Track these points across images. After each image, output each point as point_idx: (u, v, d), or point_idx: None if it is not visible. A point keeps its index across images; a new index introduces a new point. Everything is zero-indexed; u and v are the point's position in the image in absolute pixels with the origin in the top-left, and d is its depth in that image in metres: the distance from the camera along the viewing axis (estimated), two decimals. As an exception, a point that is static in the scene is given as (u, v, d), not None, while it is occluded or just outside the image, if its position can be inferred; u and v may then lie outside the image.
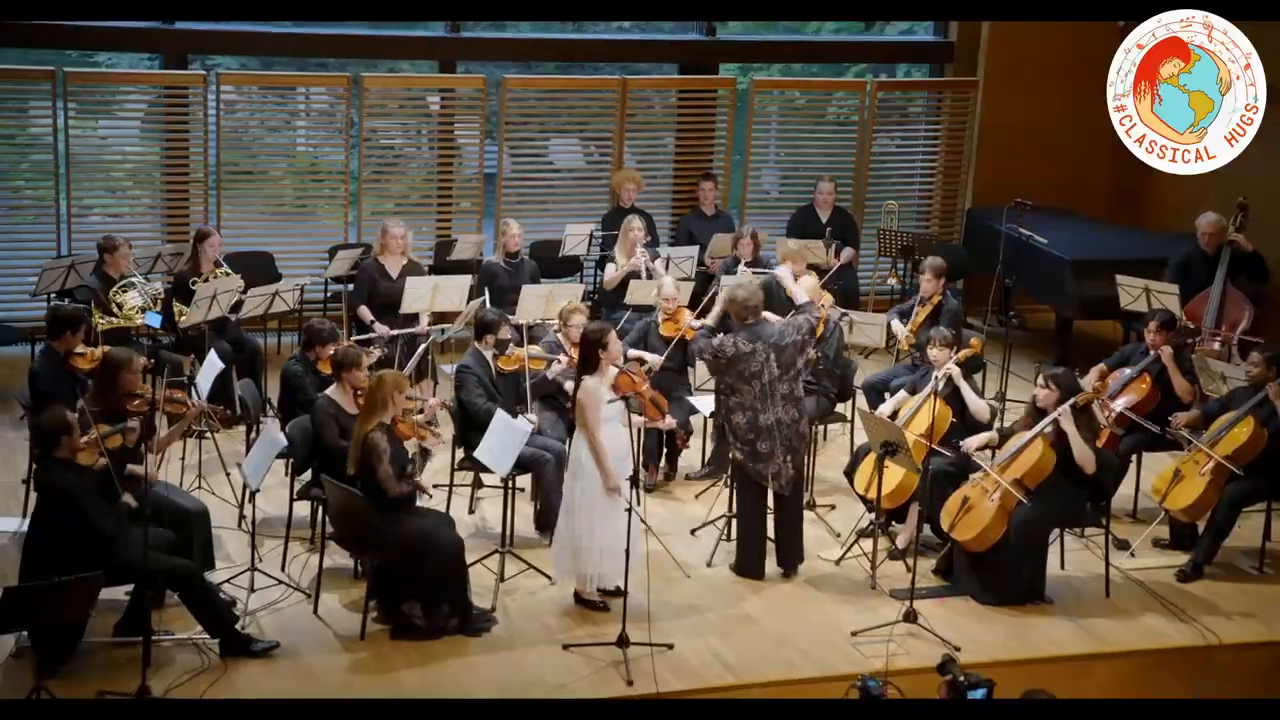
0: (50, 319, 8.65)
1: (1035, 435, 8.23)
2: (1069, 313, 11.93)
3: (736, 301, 8.32)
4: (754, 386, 8.23)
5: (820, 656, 7.68)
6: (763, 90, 13.57)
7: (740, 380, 8.22)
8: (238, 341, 10.29)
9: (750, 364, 8.20)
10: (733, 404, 8.26)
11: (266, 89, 12.78)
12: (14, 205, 12.05)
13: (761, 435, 8.25)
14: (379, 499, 7.57)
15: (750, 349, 8.20)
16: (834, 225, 12.39)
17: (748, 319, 8.28)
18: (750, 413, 8.24)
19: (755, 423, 8.24)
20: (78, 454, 7.19)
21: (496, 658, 7.51)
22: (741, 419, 8.25)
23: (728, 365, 8.21)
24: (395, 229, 10.76)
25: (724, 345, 8.23)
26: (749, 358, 8.20)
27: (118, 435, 7.33)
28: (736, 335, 8.26)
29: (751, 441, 8.26)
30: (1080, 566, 8.77)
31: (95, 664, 7.17)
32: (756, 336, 8.25)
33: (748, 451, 8.28)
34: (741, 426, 8.26)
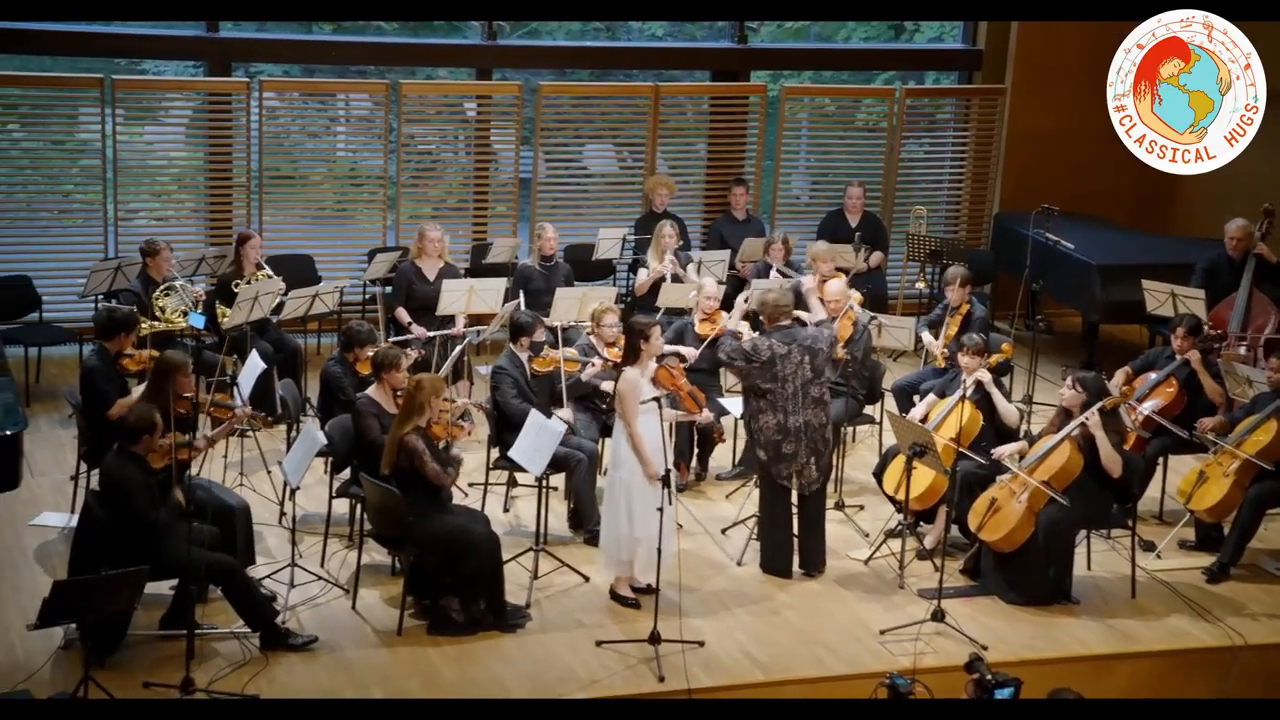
0: (104, 320, 8.79)
1: (1063, 437, 8.32)
2: (1095, 317, 11.98)
3: (768, 304, 8.43)
4: (786, 389, 8.33)
5: (849, 654, 7.78)
6: (793, 97, 13.69)
7: (773, 382, 8.32)
8: (278, 342, 10.45)
9: (785, 366, 8.31)
10: (762, 406, 8.37)
11: (308, 95, 12.98)
12: (63, 209, 12.27)
13: (789, 437, 8.35)
14: (416, 497, 7.71)
15: (785, 350, 8.31)
16: (863, 230, 12.47)
17: (779, 320, 8.40)
18: (780, 414, 8.34)
19: (784, 424, 8.34)
20: (150, 454, 7.38)
21: (531, 653, 7.63)
22: (770, 420, 8.35)
23: (762, 368, 8.31)
24: (432, 232, 10.90)
25: (758, 347, 8.33)
26: (784, 359, 8.30)
27: (187, 449, 7.51)
28: (770, 337, 8.38)
29: (777, 443, 8.36)
30: (1106, 567, 8.84)
31: (141, 656, 7.33)
32: (791, 339, 8.36)
33: (772, 454, 8.38)
34: (769, 428, 8.36)
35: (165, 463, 7.42)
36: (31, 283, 11.36)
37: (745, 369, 8.36)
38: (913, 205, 13.36)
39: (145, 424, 7.36)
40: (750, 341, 8.41)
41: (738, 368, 8.41)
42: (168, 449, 7.40)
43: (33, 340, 10.99)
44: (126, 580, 6.84)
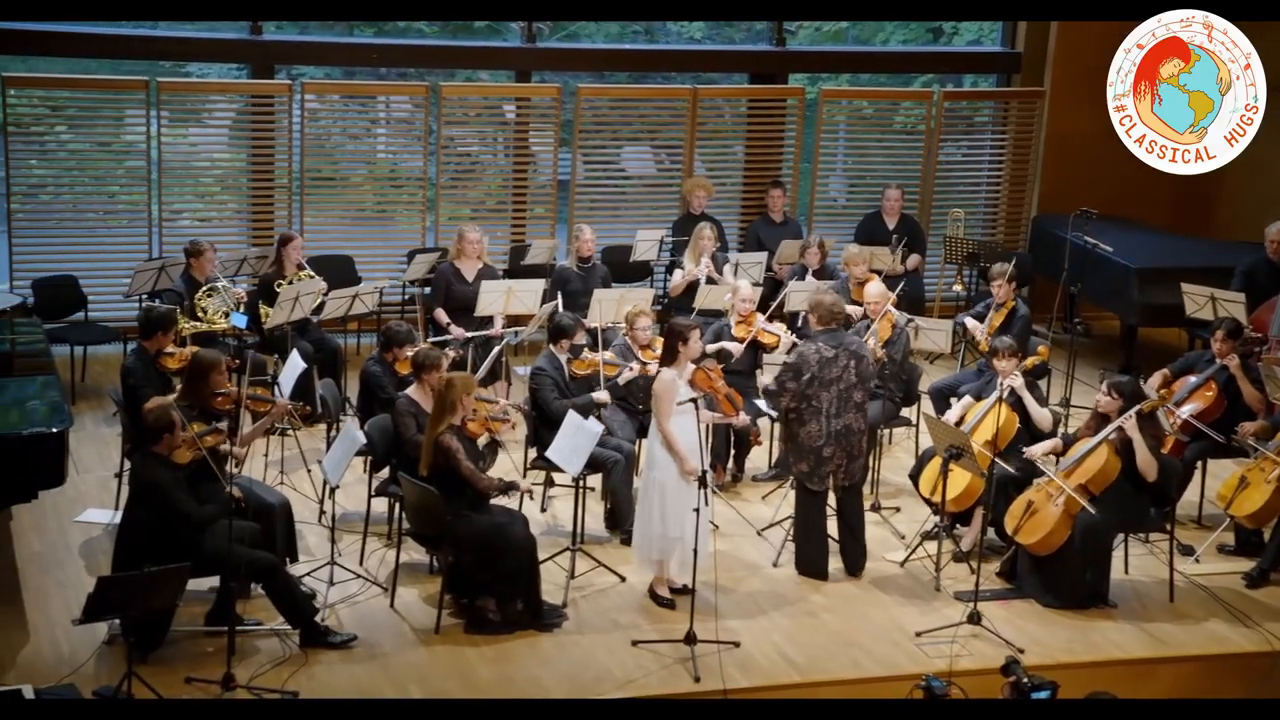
0: (143, 320, 8.90)
1: (1100, 441, 8.30)
2: (1134, 320, 11.95)
3: (823, 305, 8.43)
4: (831, 391, 8.33)
5: (885, 656, 7.78)
6: (831, 99, 13.70)
7: (820, 386, 8.31)
8: (319, 342, 10.54)
9: (832, 369, 8.32)
10: (806, 414, 8.34)
11: (348, 98, 13.09)
12: (109, 210, 12.40)
13: (829, 441, 8.35)
14: (454, 497, 7.76)
15: (832, 354, 8.33)
16: (900, 232, 12.47)
17: (831, 324, 8.41)
18: (823, 419, 8.33)
19: (826, 429, 8.34)
20: (174, 451, 7.45)
21: (567, 653, 7.66)
22: (815, 427, 8.33)
23: (813, 378, 8.27)
24: (471, 234, 10.97)
25: (805, 356, 8.32)
26: (832, 363, 8.32)
27: (213, 435, 7.59)
28: (816, 341, 8.37)
29: (818, 449, 8.35)
30: (1144, 571, 8.82)
31: (183, 652, 7.40)
32: (838, 342, 8.37)
33: (813, 463, 8.36)
34: (812, 434, 8.34)
35: (192, 457, 7.49)
36: (77, 282, 11.50)
37: (798, 388, 8.29)
38: (950, 208, 13.35)
39: (163, 423, 7.41)
40: (795, 354, 8.38)
41: (792, 389, 8.31)
42: (192, 442, 7.46)
43: (78, 339, 11.11)
44: (169, 577, 6.90)
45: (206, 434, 7.55)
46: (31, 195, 12.15)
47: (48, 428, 7.88)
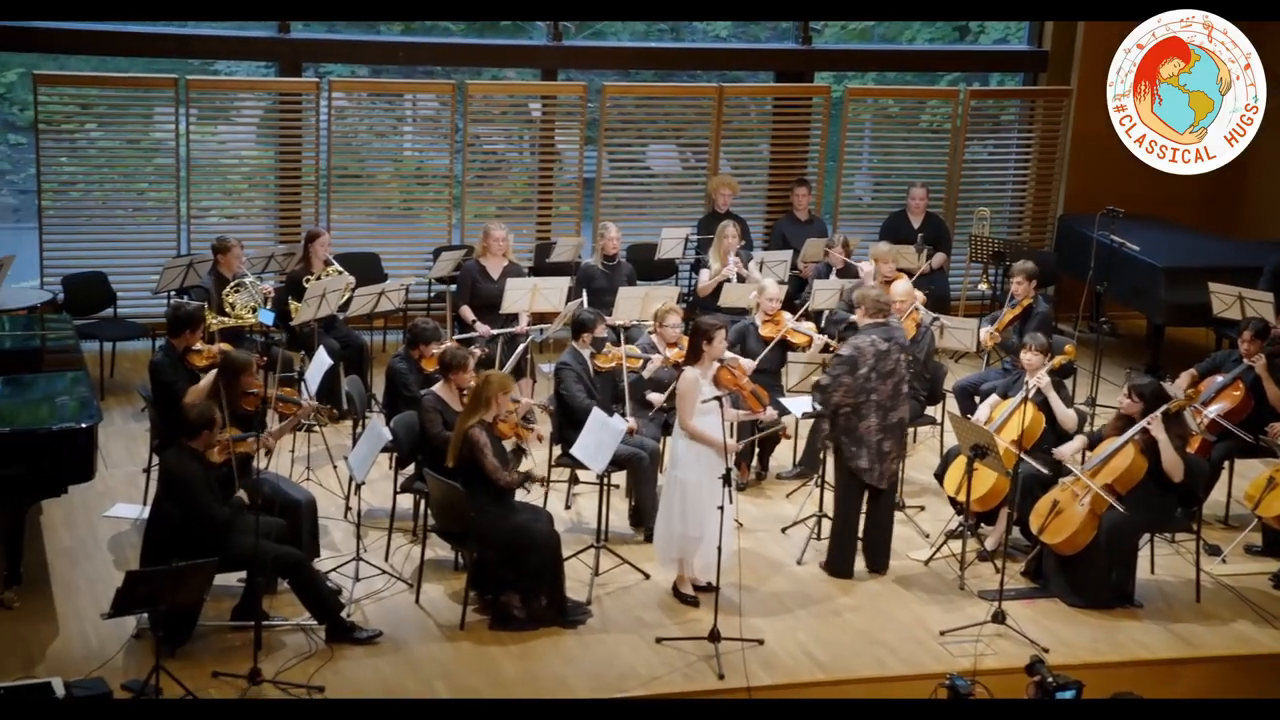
0: (171, 317, 8.95)
1: (1126, 441, 8.28)
2: (1160, 319, 11.91)
3: (869, 299, 8.44)
4: (888, 384, 8.33)
5: (909, 655, 7.79)
6: (857, 98, 13.69)
7: (879, 379, 8.31)
8: (345, 339, 10.58)
9: (887, 362, 8.32)
10: (865, 408, 8.31)
11: (375, 96, 13.14)
12: (138, 207, 12.46)
13: (889, 434, 8.35)
14: (479, 494, 7.79)
15: (886, 346, 8.33)
16: (926, 231, 12.46)
17: (879, 317, 8.41)
18: (882, 411, 8.32)
19: (885, 421, 8.33)
20: (209, 450, 7.52)
21: (591, 650, 7.68)
22: (874, 420, 8.31)
23: (874, 365, 8.26)
24: (497, 231, 11.00)
25: (861, 349, 8.29)
26: (885, 356, 8.31)
27: (246, 443, 7.64)
28: (869, 334, 8.35)
29: (879, 443, 8.33)
30: (1170, 571, 8.80)
31: (210, 647, 7.46)
32: (889, 335, 8.38)
33: (875, 456, 8.33)
34: (873, 429, 8.31)
35: (225, 458, 7.55)
36: (107, 279, 11.57)
37: (852, 384, 8.26)
38: (976, 207, 13.33)
39: (205, 420, 7.47)
40: (849, 347, 8.34)
41: (847, 384, 8.26)
42: (226, 444, 7.52)
43: (107, 335, 11.18)
44: (196, 572, 6.95)
45: (242, 439, 7.60)
46: (62, 192, 12.23)
47: (77, 423, 7.94)
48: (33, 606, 7.79)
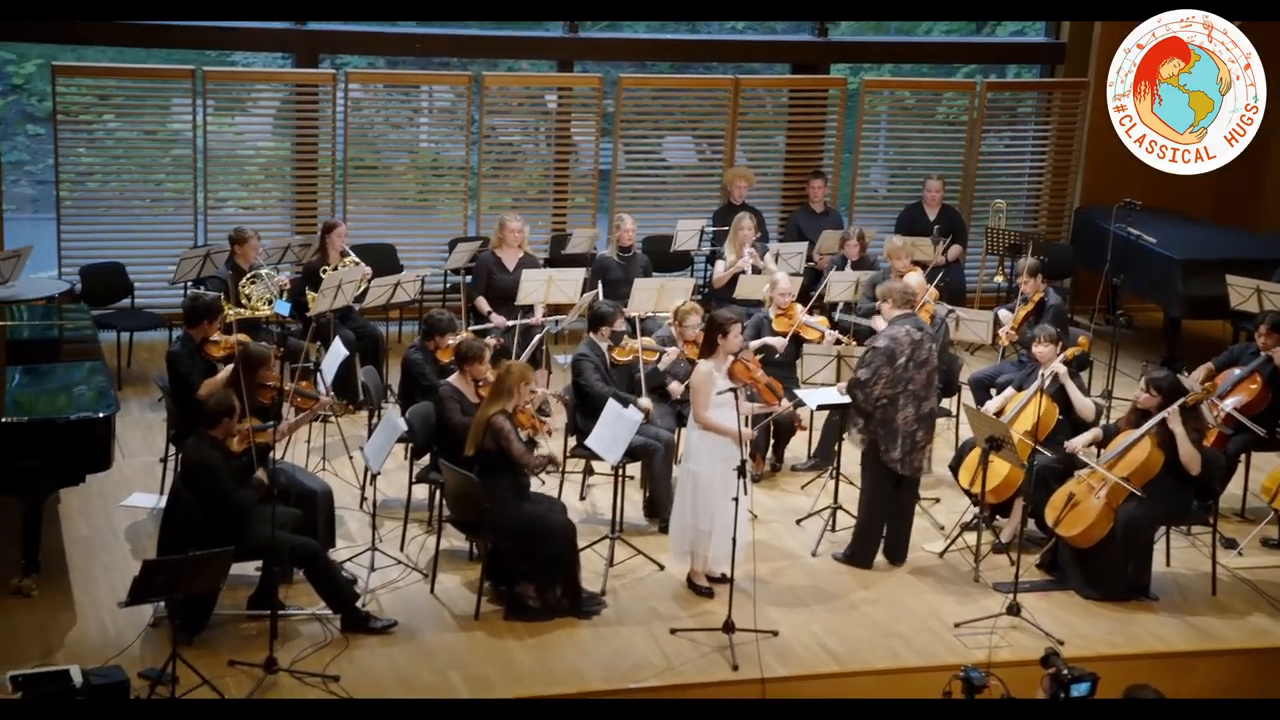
0: (189, 308, 8.97)
1: (1143, 434, 8.26)
2: (1177, 312, 11.89)
3: (895, 291, 8.45)
4: (922, 374, 8.33)
5: (923, 646, 7.79)
6: (873, 90, 13.67)
7: (916, 369, 8.30)
8: (360, 329, 10.61)
9: (921, 351, 8.32)
10: (902, 398, 8.30)
11: (392, 87, 13.15)
12: (155, 198, 12.52)
13: (922, 424, 8.36)
14: (494, 484, 7.80)
15: (919, 336, 8.33)
16: (942, 223, 12.44)
17: (906, 308, 8.41)
18: (917, 401, 8.32)
19: (920, 411, 8.33)
20: (229, 438, 7.55)
21: (606, 640, 7.70)
22: (911, 411, 8.31)
23: (908, 359, 8.25)
24: (513, 223, 11.01)
25: (898, 339, 8.27)
26: (920, 345, 8.31)
27: (266, 432, 7.67)
28: (905, 324, 8.33)
29: (913, 434, 8.34)
30: (1187, 564, 8.78)
31: (227, 635, 7.49)
32: (921, 325, 8.38)
33: (908, 447, 8.33)
34: (909, 419, 8.31)
35: (245, 447, 7.58)
36: (124, 269, 11.61)
37: (891, 373, 8.24)
38: (992, 199, 13.31)
39: (224, 408, 7.52)
40: (885, 338, 8.32)
41: (885, 375, 8.24)
42: (246, 434, 7.56)
43: (125, 325, 11.22)
44: (213, 561, 6.99)
45: (261, 429, 7.63)
46: (80, 183, 12.28)
47: (94, 413, 7.98)
48: (51, 595, 7.84)
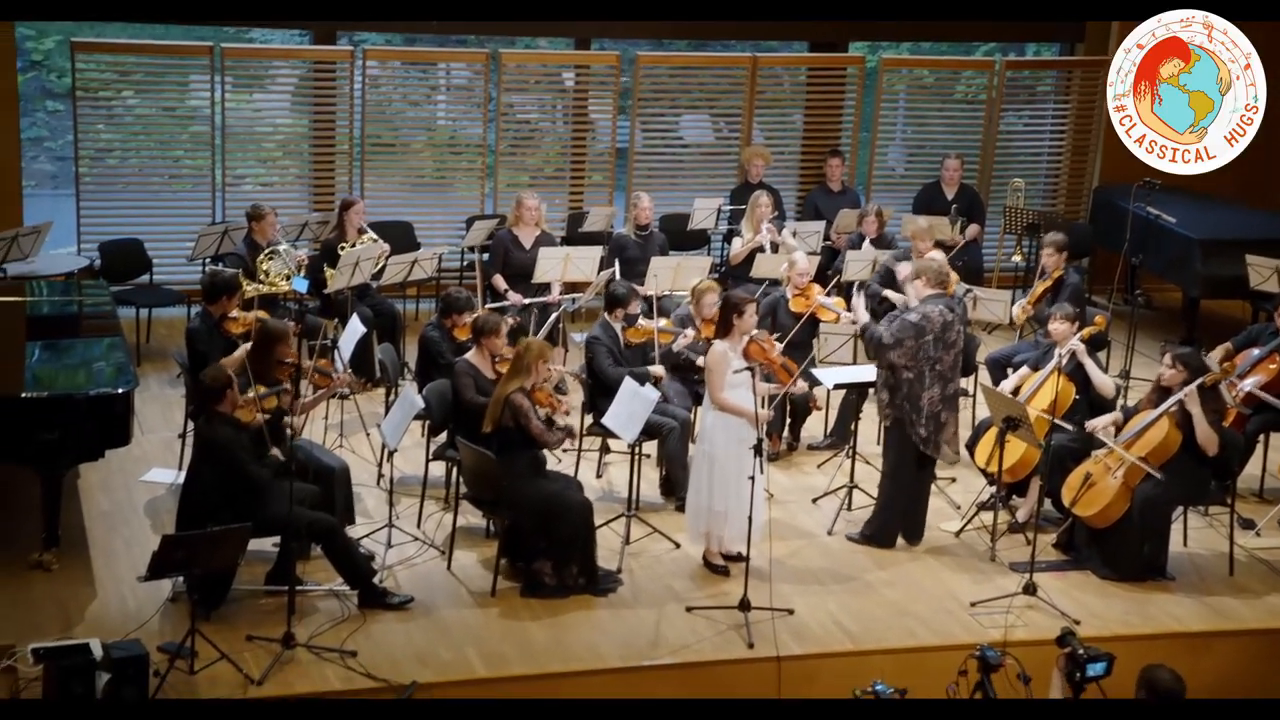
0: (208, 284, 9.00)
1: (1161, 414, 8.25)
2: (1196, 292, 11.85)
3: (932, 270, 8.41)
4: (949, 355, 8.32)
5: (939, 625, 7.80)
6: (891, 68, 13.62)
7: (943, 349, 8.28)
8: (378, 307, 10.63)
9: (950, 332, 8.30)
10: (928, 377, 8.28)
11: (409, 64, 13.15)
12: (174, 174, 12.55)
13: (947, 405, 8.36)
14: (512, 461, 7.83)
15: (951, 318, 8.32)
16: (960, 202, 12.41)
17: (940, 287, 8.38)
18: (943, 382, 8.31)
19: (945, 392, 8.33)
20: (237, 410, 7.57)
21: (622, 617, 7.73)
22: (936, 392, 8.29)
23: (935, 339, 8.23)
24: (529, 201, 11.01)
25: (930, 316, 8.24)
26: (950, 326, 8.30)
27: (274, 397, 7.69)
28: (937, 304, 8.31)
29: (938, 414, 8.33)
30: (1204, 544, 8.77)
31: (245, 610, 7.53)
32: (952, 306, 8.37)
33: (933, 428, 8.33)
34: (935, 399, 8.30)
35: (254, 417, 7.59)
36: (143, 245, 11.64)
37: (915, 346, 8.23)
38: (1010, 178, 13.26)
39: (221, 382, 7.52)
40: (918, 313, 8.29)
41: (909, 346, 8.24)
42: (253, 402, 7.56)
43: (143, 302, 11.26)
44: (231, 536, 7.03)
45: (268, 395, 7.65)
46: (99, 159, 12.31)
47: (114, 388, 8.01)
48: (71, 569, 7.89)
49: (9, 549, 7.97)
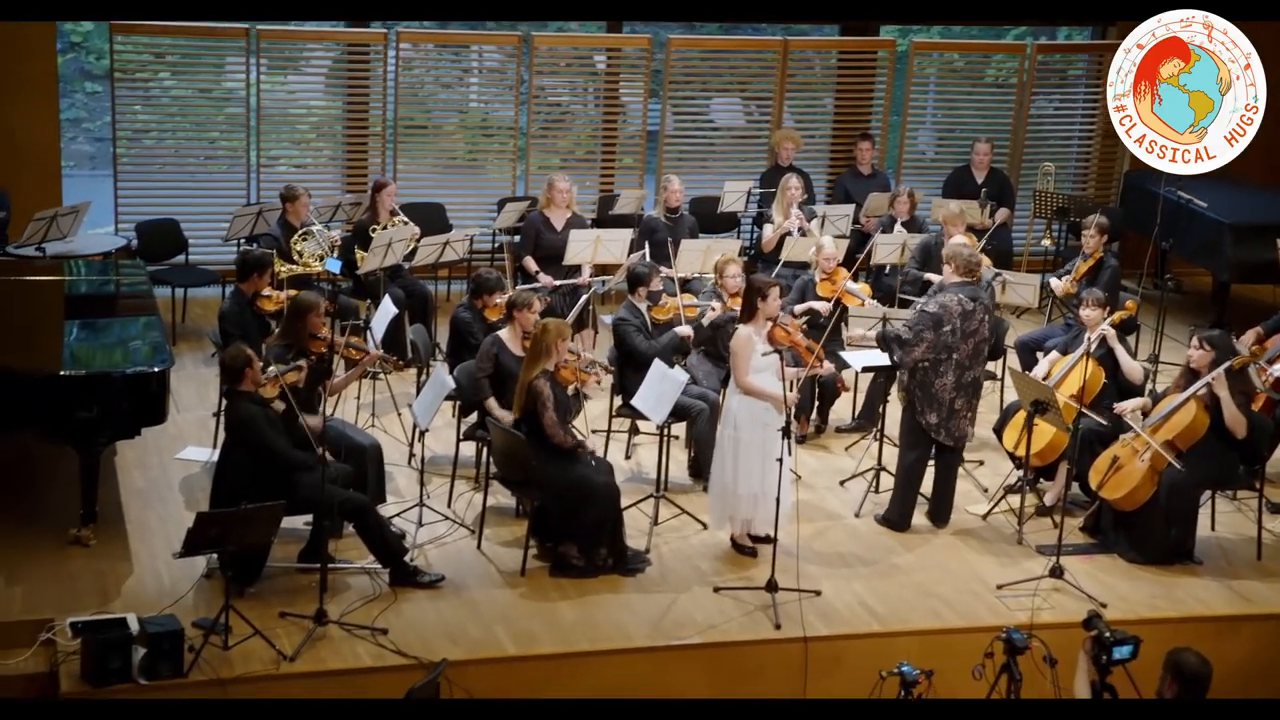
0: (239, 263, 9.10)
1: (1188, 397, 8.24)
2: (1226, 276, 11.81)
3: (961, 257, 8.42)
4: (968, 344, 8.33)
5: (965, 608, 7.83)
6: (922, 52, 13.60)
7: (961, 338, 8.29)
8: (409, 288, 10.69)
9: (971, 322, 8.31)
10: (944, 365, 8.30)
11: (442, 47, 13.19)
12: (209, 155, 12.65)
13: (962, 392, 8.36)
14: (541, 443, 7.87)
15: (972, 307, 8.32)
16: (990, 186, 12.40)
17: (969, 277, 8.39)
18: (959, 370, 8.32)
19: (960, 380, 8.33)
20: (260, 387, 7.63)
21: (650, 598, 7.78)
22: (950, 378, 8.31)
23: (959, 324, 8.24)
24: (561, 183, 11.04)
25: (948, 306, 8.27)
26: (970, 316, 8.30)
27: (293, 372, 7.74)
28: (957, 292, 8.32)
29: (951, 401, 8.34)
30: (1231, 528, 8.77)
31: (278, 587, 7.61)
32: (976, 296, 8.36)
33: (946, 414, 8.34)
34: (948, 386, 8.32)
35: (278, 391, 7.63)
36: (179, 226, 11.74)
37: (935, 339, 8.23)
38: (1041, 162, 13.23)
39: (240, 361, 7.57)
40: (936, 304, 8.32)
41: (928, 339, 8.23)
42: (275, 378, 7.62)
43: (179, 281, 11.37)
44: (264, 514, 7.11)
45: (287, 371, 7.71)
46: (136, 140, 12.41)
47: (150, 367, 8.10)
48: (108, 545, 7.99)
49: (48, 525, 8.09)
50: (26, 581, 7.56)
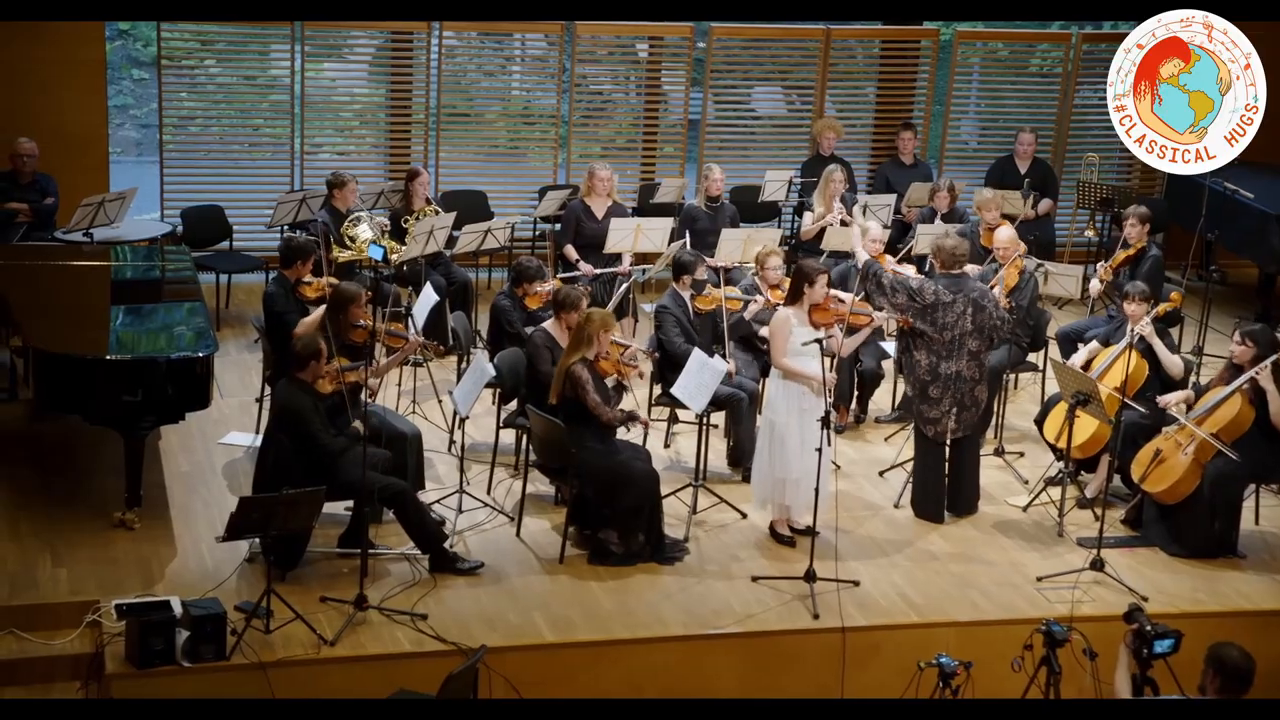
0: (283, 249, 9.15)
1: (1233, 390, 8.19)
2: (1273, 268, 11.71)
3: (944, 250, 8.42)
4: (944, 336, 8.33)
5: (1004, 600, 7.81)
6: (965, 41, 13.52)
7: (932, 327, 8.33)
8: (450, 275, 10.75)
9: (948, 314, 8.31)
10: (917, 344, 8.38)
11: (485, 35, 13.21)
12: (253, 143, 12.73)
13: (937, 381, 8.35)
14: (580, 430, 7.90)
15: (951, 299, 8.31)
16: (1033, 176, 12.33)
17: (953, 268, 8.39)
18: (934, 357, 8.34)
19: (935, 368, 8.34)
20: (318, 381, 7.71)
21: (687, 586, 7.80)
22: (924, 359, 8.36)
23: (922, 310, 8.32)
24: (602, 171, 11.05)
25: (924, 289, 8.33)
26: (948, 308, 8.30)
27: (355, 372, 7.82)
28: (938, 282, 8.37)
29: (925, 384, 8.36)
30: (1275, 522, 8.71)
31: (319, 572, 7.67)
32: (959, 288, 8.35)
33: (918, 392, 8.40)
34: (922, 366, 8.36)
35: (335, 388, 7.72)
36: (224, 212, 11.83)
37: (905, 304, 8.33)
38: (1085, 153, 13.14)
39: (311, 351, 7.65)
40: (919, 280, 8.42)
41: (898, 301, 8.36)
42: (335, 374, 7.70)
43: (223, 268, 11.46)
44: (305, 499, 7.16)
45: (350, 369, 7.78)
46: (181, 127, 12.51)
47: (194, 352, 8.18)
48: (152, 528, 8.07)
49: (93, 508, 8.18)
50: (72, 564, 7.66)
